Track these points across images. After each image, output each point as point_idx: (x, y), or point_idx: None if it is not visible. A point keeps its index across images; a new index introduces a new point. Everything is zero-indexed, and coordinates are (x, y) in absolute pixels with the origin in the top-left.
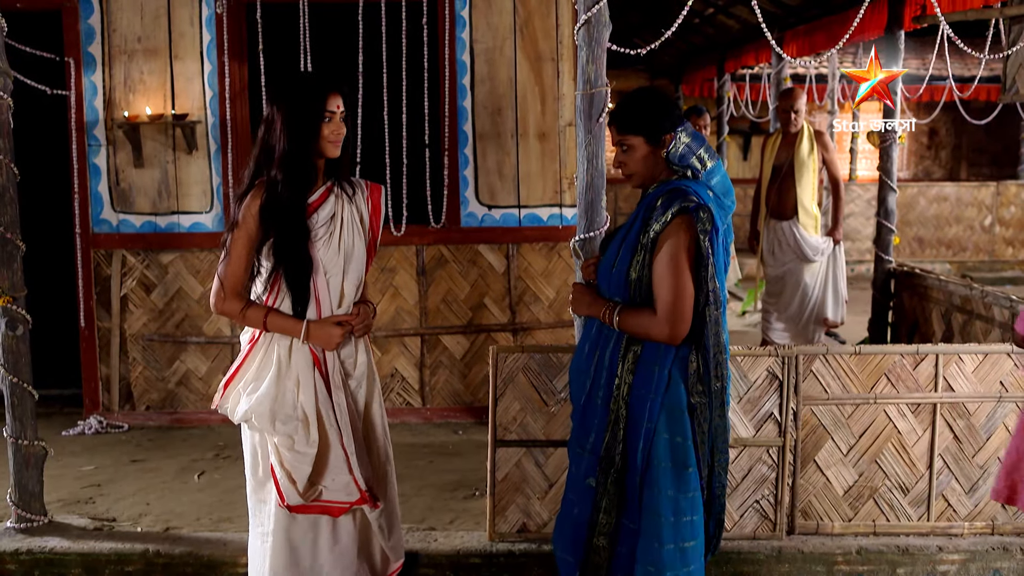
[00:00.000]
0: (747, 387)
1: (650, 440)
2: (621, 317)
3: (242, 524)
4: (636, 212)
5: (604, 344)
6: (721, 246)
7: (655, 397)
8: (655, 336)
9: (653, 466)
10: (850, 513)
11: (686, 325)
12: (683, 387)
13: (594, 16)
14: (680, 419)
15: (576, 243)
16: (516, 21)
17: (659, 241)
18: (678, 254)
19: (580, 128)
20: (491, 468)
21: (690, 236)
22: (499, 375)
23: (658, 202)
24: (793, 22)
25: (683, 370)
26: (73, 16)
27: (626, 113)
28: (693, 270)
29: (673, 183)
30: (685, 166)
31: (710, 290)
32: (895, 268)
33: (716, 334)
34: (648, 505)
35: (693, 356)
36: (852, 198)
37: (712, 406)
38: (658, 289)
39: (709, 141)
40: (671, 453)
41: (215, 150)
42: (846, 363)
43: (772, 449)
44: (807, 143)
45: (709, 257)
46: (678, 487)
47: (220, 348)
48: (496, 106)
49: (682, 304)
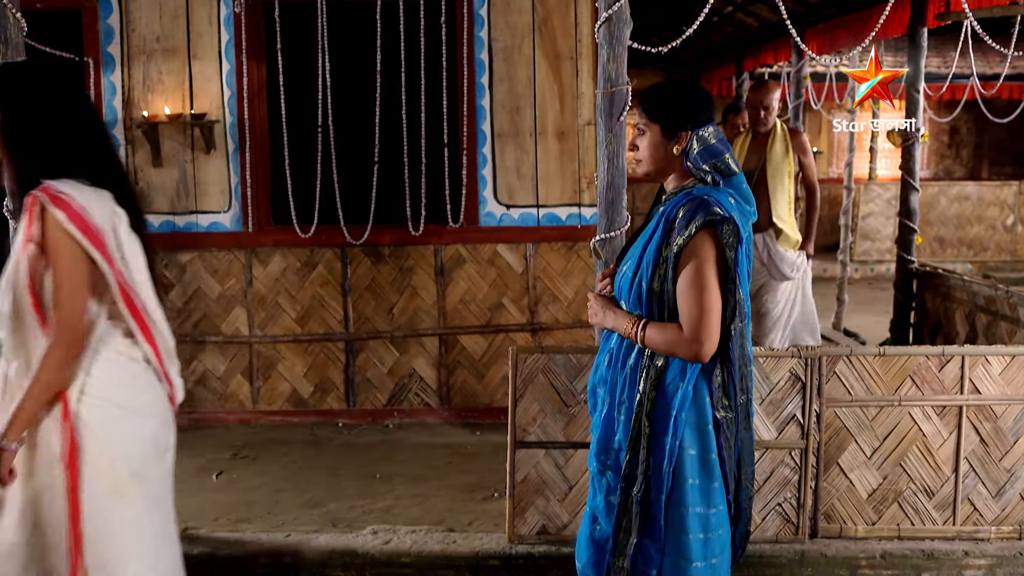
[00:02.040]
0: (769, 389)
1: (675, 457)
2: (646, 333)
3: (260, 525)
4: (655, 221)
5: (625, 358)
6: (745, 255)
7: (679, 413)
8: (682, 354)
9: (679, 484)
10: (874, 517)
11: (714, 343)
12: (708, 402)
13: (615, 14)
14: (706, 435)
15: (596, 243)
16: (535, 19)
17: (683, 256)
18: (704, 269)
19: (600, 127)
20: (510, 470)
21: (716, 250)
22: (519, 376)
23: (679, 213)
24: (814, 20)
25: (708, 384)
26: (92, 16)
27: (650, 97)
28: (720, 284)
29: (694, 191)
30: (700, 170)
31: (736, 302)
32: (917, 268)
33: (741, 346)
34: (675, 524)
35: (718, 370)
36: (872, 197)
37: (738, 419)
38: (684, 307)
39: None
40: (699, 469)
41: (233, 150)
42: (870, 364)
43: (795, 451)
44: (780, 144)
45: (735, 270)
46: (707, 503)
47: (238, 348)
48: (515, 105)
49: (710, 322)
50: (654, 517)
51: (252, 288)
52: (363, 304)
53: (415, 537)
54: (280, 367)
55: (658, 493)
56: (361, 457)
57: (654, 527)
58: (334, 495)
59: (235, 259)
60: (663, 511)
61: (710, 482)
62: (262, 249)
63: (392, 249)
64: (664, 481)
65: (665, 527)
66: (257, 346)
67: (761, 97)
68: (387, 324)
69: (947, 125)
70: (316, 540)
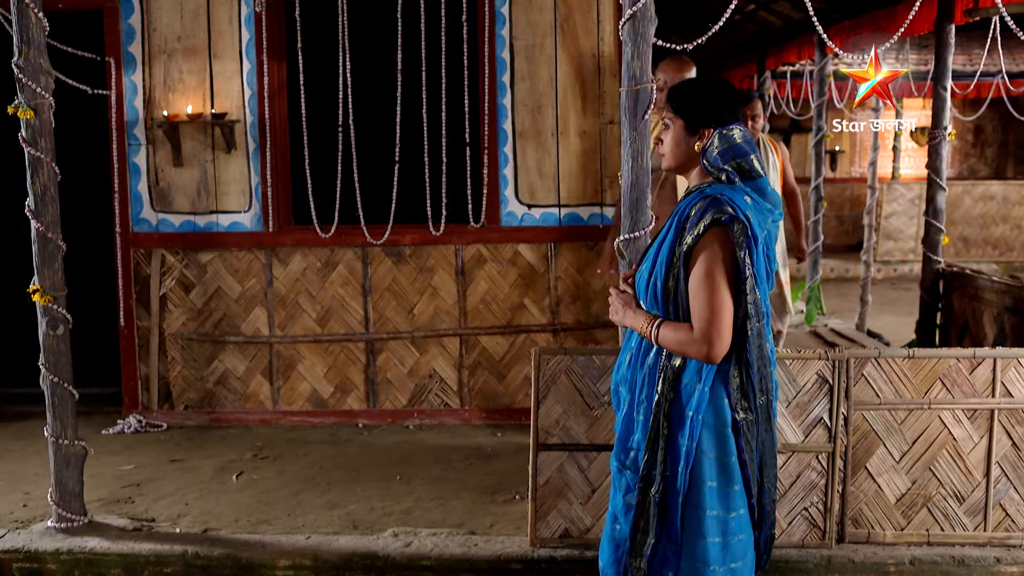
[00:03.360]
0: (796, 391)
1: (693, 459)
2: (660, 332)
3: (280, 526)
4: (670, 220)
5: (644, 357)
6: (762, 254)
7: (696, 414)
8: (692, 355)
9: (697, 486)
10: (903, 522)
11: (724, 344)
12: (727, 403)
13: (639, 11)
14: (725, 437)
15: (620, 243)
16: (557, 17)
17: (693, 254)
18: (713, 269)
19: (625, 125)
20: (533, 472)
21: (725, 249)
22: (541, 377)
23: (692, 211)
24: (838, 18)
25: (725, 386)
26: (114, 16)
27: (678, 91)
28: (731, 284)
29: (707, 190)
30: (716, 168)
31: (750, 303)
32: (944, 268)
33: (759, 347)
34: (692, 527)
35: (735, 371)
36: (895, 197)
37: (759, 422)
38: (694, 307)
39: (756, 133)
40: (717, 472)
41: (253, 149)
42: (899, 367)
43: (821, 455)
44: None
45: (748, 269)
46: (726, 507)
47: (258, 348)
48: (536, 104)
49: (719, 322)
50: (671, 519)
51: (272, 288)
52: (383, 304)
53: (436, 540)
54: (300, 367)
55: (675, 495)
56: (381, 458)
57: (671, 529)
58: (354, 496)
59: (255, 259)
60: (680, 513)
61: (729, 485)
62: (282, 249)
63: (413, 249)
64: (681, 483)
65: (682, 529)
66: (277, 346)
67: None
68: (407, 324)
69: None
70: (336, 542)
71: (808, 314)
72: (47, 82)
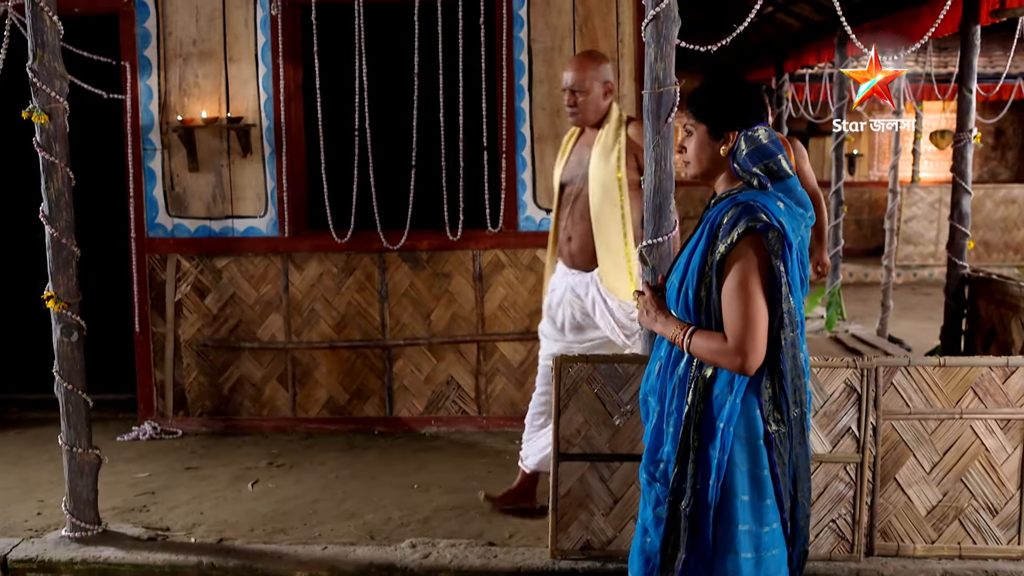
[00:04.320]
0: (823, 400)
1: (724, 472)
2: (692, 341)
3: (296, 536)
4: (701, 227)
5: (674, 367)
6: (796, 261)
7: (728, 427)
8: (725, 366)
9: (728, 500)
10: (933, 535)
11: (759, 356)
12: (759, 415)
13: (663, 11)
14: (757, 449)
15: (643, 248)
16: (575, 20)
17: (726, 264)
18: (747, 278)
19: (648, 129)
20: (553, 483)
21: (760, 258)
22: (562, 386)
23: (724, 219)
24: (859, 19)
25: (758, 397)
26: (129, 20)
27: (696, 95)
28: (766, 293)
29: (739, 196)
30: (748, 173)
31: (784, 312)
32: (969, 274)
33: (793, 357)
34: (723, 541)
35: (768, 382)
36: (915, 201)
37: (792, 434)
38: (727, 317)
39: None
40: (749, 485)
41: (269, 153)
42: (930, 376)
43: (850, 466)
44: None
45: (782, 277)
46: (758, 521)
47: (274, 354)
48: (555, 107)
49: (754, 333)
50: (702, 533)
51: (288, 294)
52: (400, 310)
53: (455, 551)
54: (317, 374)
55: (706, 509)
56: (398, 466)
57: (702, 544)
58: (371, 505)
59: (271, 264)
60: (711, 528)
61: (762, 499)
62: (298, 254)
63: (430, 254)
64: (712, 497)
65: (714, 544)
66: (293, 352)
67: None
68: (425, 330)
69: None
70: (353, 553)
71: (828, 320)
72: (62, 86)
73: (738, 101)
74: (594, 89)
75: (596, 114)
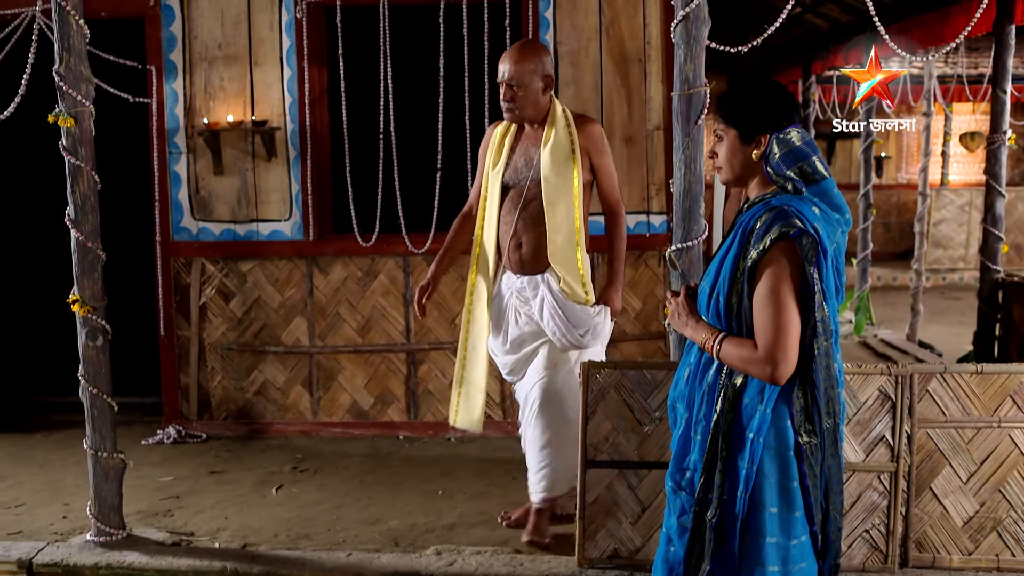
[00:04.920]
0: (856, 408)
1: (752, 483)
2: (722, 347)
3: (320, 542)
4: (733, 233)
5: (703, 374)
6: (832, 268)
7: (757, 437)
8: (755, 374)
9: (756, 511)
10: (970, 546)
11: (790, 365)
12: (789, 425)
13: (692, 12)
14: (787, 461)
15: (672, 253)
16: (601, 21)
17: (758, 270)
18: (779, 286)
19: (677, 131)
20: (581, 490)
21: (793, 265)
22: (590, 392)
23: (757, 224)
24: (889, 20)
25: (789, 407)
26: (156, 24)
27: (725, 99)
28: (798, 302)
29: (772, 201)
30: (782, 177)
31: (818, 320)
32: (1003, 278)
33: (826, 367)
34: (751, 553)
35: (800, 392)
36: (944, 204)
37: (824, 446)
38: (758, 325)
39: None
40: (778, 497)
41: (294, 157)
42: (966, 383)
43: (884, 475)
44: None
45: (816, 285)
46: (786, 533)
47: (298, 358)
48: (581, 109)
49: (785, 342)
50: (728, 545)
51: (313, 297)
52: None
53: (480, 559)
54: (341, 378)
55: (732, 520)
56: (423, 472)
57: (728, 555)
58: (396, 512)
59: (296, 268)
60: (738, 539)
61: (791, 511)
62: (323, 258)
63: None
64: (739, 507)
65: (740, 556)
66: (318, 356)
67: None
68: (449, 335)
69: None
70: (378, 560)
71: (857, 324)
72: (88, 90)
73: (768, 103)
74: (533, 83)
75: (536, 110)
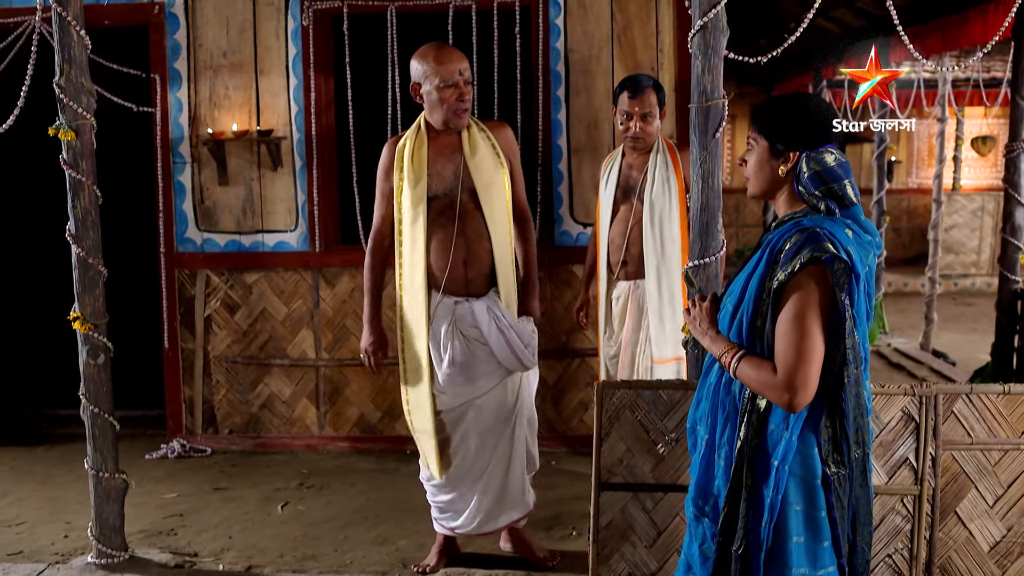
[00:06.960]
0: (879, 429)
1: (777, 512)
2: (740, 365)
3: (327, 563)
4: (760, 251)
5: (726, 393)
6: (863, 293)
7: (783, 465)
8: (771, 399)
9: (782, 541)
10: (997, 572)
11: (808, 394)
12: (817, 454)
13: (711, 21)
14: (814, 489)
15: (689, 269)
16: (614, 29)
17: (784, 293)
18: (805, 311)
19: (695, 144)
20: (594, 513)
21: (821, 291)
22: (604, 412)
23: (786, 244)
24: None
25: (816, 435)
26: (160, 32)
27: (760, 109)
28: (826, 328)
29: (804, 221)
30: (812, 196)
31: (848, 347)
32: (1022, 289)
33: (856, 395)
34: None
35: (828, 421)
36: (956, 209)
37: (852, 476)
38: (779, 349)
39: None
40: (804, 527)
41: (300, 167)
42: (993, 403)
43: (907, 498)
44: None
45: (847, 311)
46: (812, 564)
47: (304, 371)
48: (592, 119)
49: (806, 370)
50: (753, 575)
51: (319, 309)
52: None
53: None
54: (347, 391)
55: (757, 550)
56: None
57: None
58: (404, 530)
59: (302, 279)
60: (763, 570)
61: (818, 541)
62: (329, 269)
63: None
64: (764, 537)
65: None
66: (324, 369)
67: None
68: None
69: None
70: None
71: (870, 332)
72: (89, 102)
73: (803, 119)
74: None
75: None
